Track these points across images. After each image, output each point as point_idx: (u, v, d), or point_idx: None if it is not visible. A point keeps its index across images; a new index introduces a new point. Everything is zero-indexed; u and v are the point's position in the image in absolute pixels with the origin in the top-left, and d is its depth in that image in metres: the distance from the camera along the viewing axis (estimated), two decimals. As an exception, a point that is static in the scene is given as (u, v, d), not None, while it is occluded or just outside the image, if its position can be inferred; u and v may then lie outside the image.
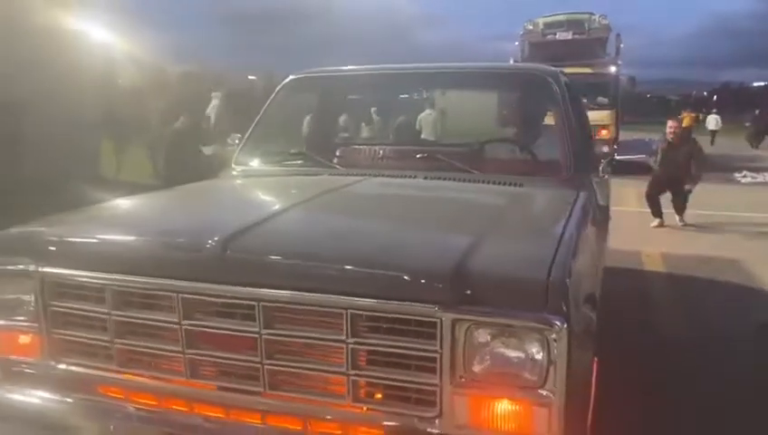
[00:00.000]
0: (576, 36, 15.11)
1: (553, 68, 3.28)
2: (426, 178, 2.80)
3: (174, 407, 1.87)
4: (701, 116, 32.25)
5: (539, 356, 1.56)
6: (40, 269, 1.93)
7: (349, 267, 1.71)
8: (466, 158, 2.95)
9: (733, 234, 7.44)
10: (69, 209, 2.41)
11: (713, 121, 27.43)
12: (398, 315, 1.62)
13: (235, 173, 3.16)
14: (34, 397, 2.02)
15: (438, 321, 1.58)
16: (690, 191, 7.79)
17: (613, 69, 14.97)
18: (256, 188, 2.89)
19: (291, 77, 3.59)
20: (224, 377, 1.81)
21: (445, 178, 2.78)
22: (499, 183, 2.68)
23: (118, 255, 1.90)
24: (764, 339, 3.84)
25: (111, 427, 1.87)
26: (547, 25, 15.57)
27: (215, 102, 10.41)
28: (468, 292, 1.58)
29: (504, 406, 1.60)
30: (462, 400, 1.61)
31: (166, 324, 1.81)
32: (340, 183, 2.68)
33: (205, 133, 5.63)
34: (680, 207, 7.96)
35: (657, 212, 7.96)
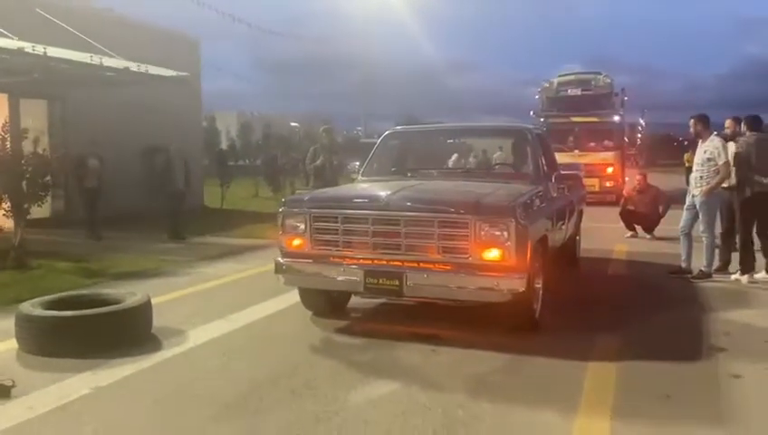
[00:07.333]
0: (584, 92, 18.06)
1: (530, 125, 6.27)
2: (461, 180, 5.75)
3: (364, 261, 4.76)
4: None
5: (505, 233, 4.42)
6: (309, 210, 4.89)
7: (434, 204, 4.65)
8: (482, 172, 5.92)
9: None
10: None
11: None
12: (453, 219, 4.51)
13: (362, 179, 6.14)
14: (301, 264, 4.96)
15: (470, 221, 4.46)
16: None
17: (616, 118, 17.81)
18: (382, 185, 5.77)
19: (387, 132, 6.64)
20: (386, 248, 4.70)
21: (470, 180, 5.73)
22: (497, 182, 5.59)
23: (344, 202, 4.91)
24: (668, 277, 7.18)
25: (342, 269, 4.77)
26: (560, 84, 18.58)
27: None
28: (480, 211, 4.47)
29: (493, 251, 4.47)
30: (478, 249, 4.47)
31: (364, 228, 4.72)
32: (416, 181, 5.63)
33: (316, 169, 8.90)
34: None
35: (630, 227, 10.65)
